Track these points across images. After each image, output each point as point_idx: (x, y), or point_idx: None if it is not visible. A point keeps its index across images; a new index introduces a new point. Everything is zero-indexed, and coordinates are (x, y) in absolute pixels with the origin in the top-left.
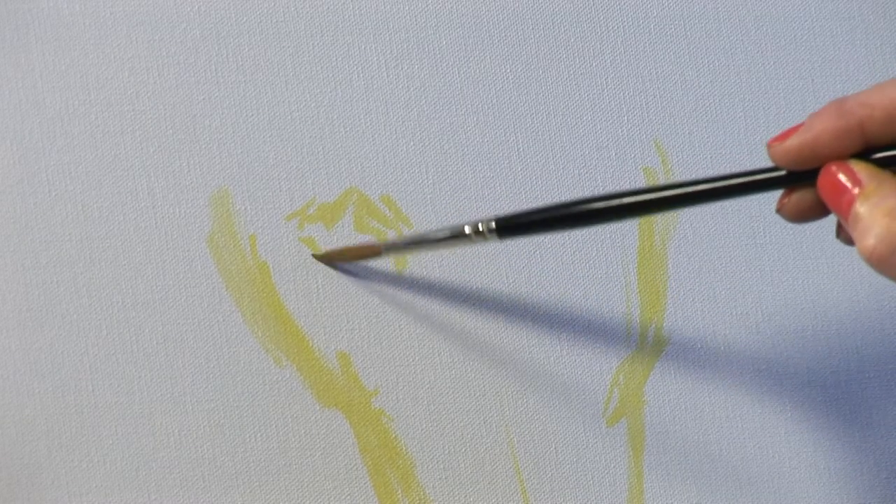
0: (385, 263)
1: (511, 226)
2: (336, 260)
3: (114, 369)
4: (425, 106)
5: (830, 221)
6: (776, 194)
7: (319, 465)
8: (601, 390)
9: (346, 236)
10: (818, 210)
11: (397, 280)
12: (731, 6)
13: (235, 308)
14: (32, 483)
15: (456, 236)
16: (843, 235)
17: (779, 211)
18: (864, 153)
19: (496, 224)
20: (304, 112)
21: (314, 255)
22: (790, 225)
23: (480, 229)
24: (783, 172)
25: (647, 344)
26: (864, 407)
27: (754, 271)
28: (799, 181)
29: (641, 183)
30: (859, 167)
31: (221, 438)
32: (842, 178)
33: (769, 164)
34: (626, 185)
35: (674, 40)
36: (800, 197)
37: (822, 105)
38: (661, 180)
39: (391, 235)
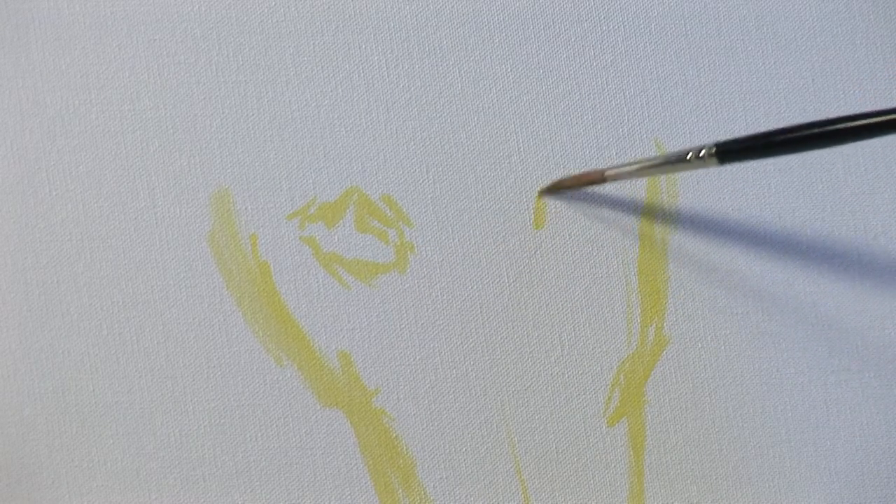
0: (387, 262)
1: (731, 150)
2: (562, 188)
3: (114, 369)
4: (425, 106)
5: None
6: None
7: (319, 465)
8: (602, 390)
9: (346, 236)
10: None
11: (398, 280)
12: (731, 6)
13: (236, 307)
14: (32, 483)
15: (677, 161)
16: None
17: None
18: None
19: (716, 148)
20: (304, 112)
21: (540, 192)
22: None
23: (701, 155)
24: None
25: (647, 344)
26: (864, 407)
27: (754, 271)
28: None
29: (642, 183)
30: None
31: (221, 438)
32: None
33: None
34: (626, 185)
35: (674, 40)
36: None
37: (822, 105)
38: (662, 179)
39: (392, 236)
